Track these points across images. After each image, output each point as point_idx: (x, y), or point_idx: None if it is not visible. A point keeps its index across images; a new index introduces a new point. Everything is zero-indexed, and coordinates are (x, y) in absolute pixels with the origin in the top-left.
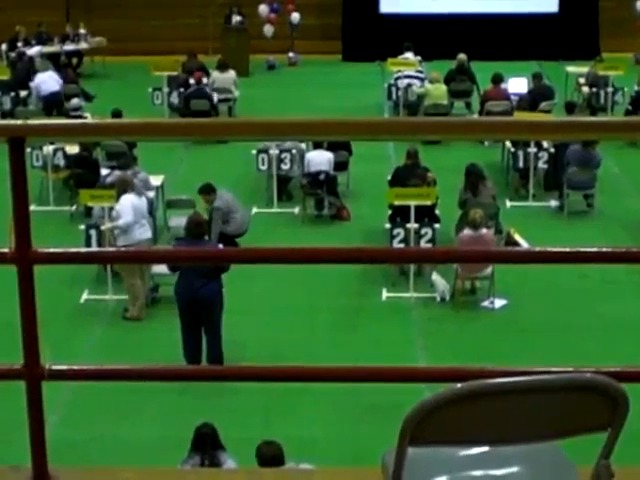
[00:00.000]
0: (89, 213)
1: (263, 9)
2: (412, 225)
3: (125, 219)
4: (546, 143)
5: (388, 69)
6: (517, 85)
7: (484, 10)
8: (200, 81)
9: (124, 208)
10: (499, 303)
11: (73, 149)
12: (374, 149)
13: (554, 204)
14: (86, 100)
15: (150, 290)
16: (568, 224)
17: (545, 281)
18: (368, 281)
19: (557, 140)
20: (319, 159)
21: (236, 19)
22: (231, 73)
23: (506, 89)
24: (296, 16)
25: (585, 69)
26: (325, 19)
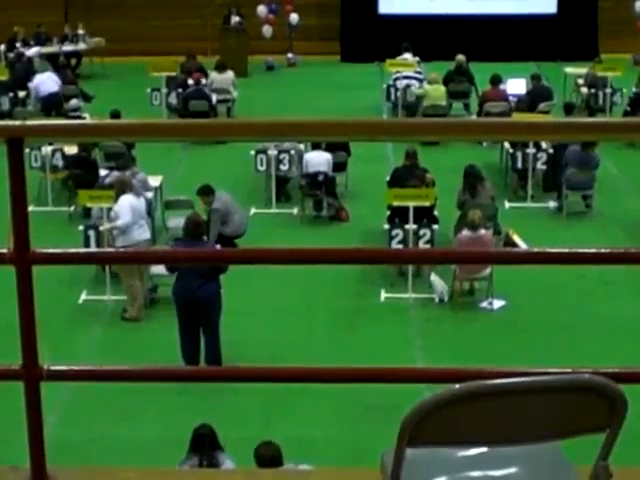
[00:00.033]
0: (88, 214)
1: (262, 10)
2: (411, 226)
3: (124, 220)
4: (545, 144)
5: (387, 70)
6: (516, 86)
7: (483, 11)
8: (199, 82)
9: (123, 209)
10: (498, 304)
11: (72, 150)
12: (373, 150)
13: (553, 205)
14: (85, 101)
15: (149, 291)
16: (567, 225)
17: (544, 282)
18: (367, 282)
19: (556, 141)
20: (318, 160)
21: (235, 20)
22: (230, 74)
23: (505, 90)
24: (295, 17)
25: (584, 70)
26: (324, 20)
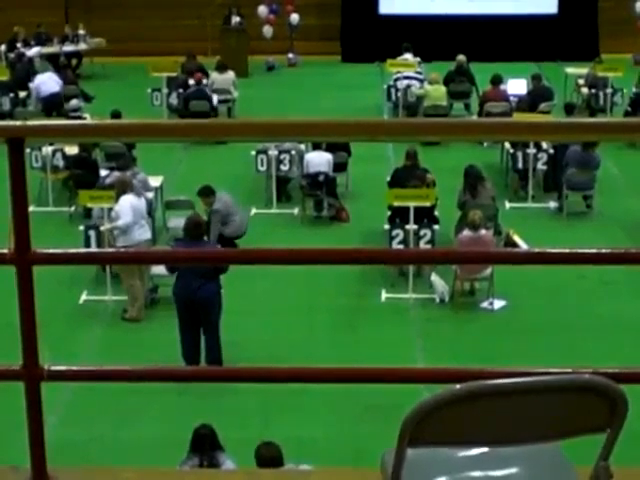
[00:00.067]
0: (88, 214)
1: (262, 10)
2: (411, 226)
3: (124, 220)
4: (545, 144)
5: (387, 70)
6: (516, 86)
7: (483, 11)
8: (200, 82)
9: (123, 209)
10: (498, 304)
11: (72, 150)
12: (373, 150)
13: (553, 205)
14: (85, 101)
15: (149, 291)
16: (567, 225)
17: (544, 282)
18: (367, 282)
19: (556, 141)
20: (318, 160)
21: (235, 20)
22: (230, 74)
23: (505, 90)
24: (295, 17)
25: (584, 70)
26: (324, 20)
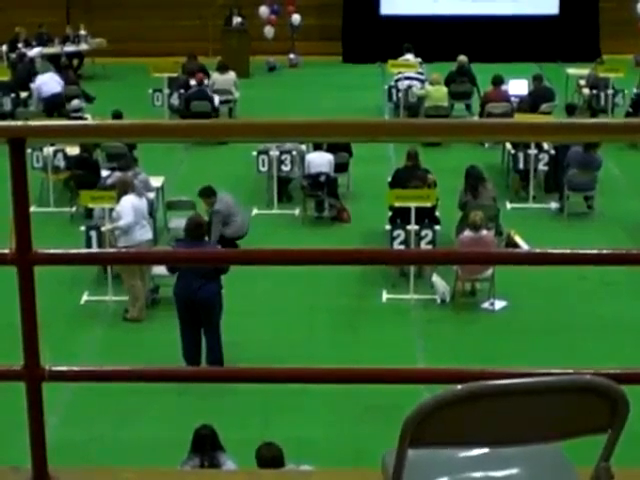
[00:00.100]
0: (89, 214)
1: (263, 10)
2: (412, 227)
3: (126, 220)
4: (546, 145)
5: (388, 71)
6: (517, 87)
7: (484, 12)
8: (201, 82)
9: (125, 209)
10: (499, 305)
11: (73, 150)
12: (374, 151)
13: (554, 206)
14: (86, 101)
15: (150, 291)
16: (568, 226)
17: (545, 283)
18: (368, 282)
19: (557, 142)
20: (319, 160)
21: (236, 20)
22: (231, 74)
23: (506, 91)
24: (296, 17)
25: (585, 71)
26: (325, 20)
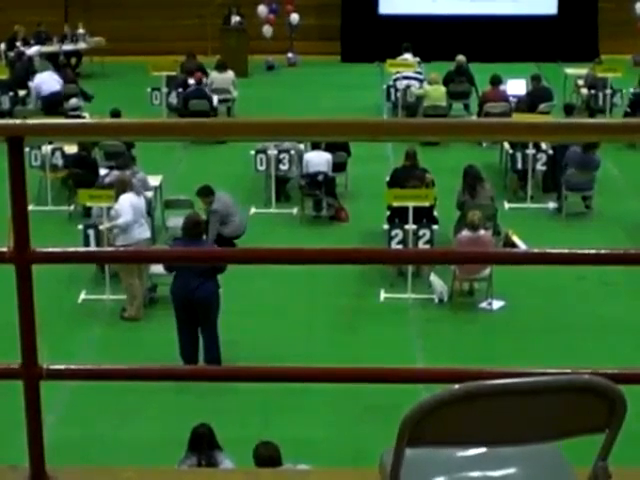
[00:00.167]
0: (88, 213)
1: (262, 10)
2: (410, 226)
3: (125, 218)
4: (544, 145)
5: (387, 70)
6: (516, 87)
7: (483, 12)
8: (200, 81)
9: (123, 207)
10: (497, 304)
11: (72, 149)
12: (373, 150)
13: (552, 206)
14: (85, 100)
15: (148, 290)
16: (566, 226)
17: (543, 282)
18: (366, 282)
19: (555, 142)
20: (317, 160)
21: (235, 20)
22: (230, 73)
23: (505, 91)
24: (295, 17)
25: (584, 71)
26: (324, 20)
